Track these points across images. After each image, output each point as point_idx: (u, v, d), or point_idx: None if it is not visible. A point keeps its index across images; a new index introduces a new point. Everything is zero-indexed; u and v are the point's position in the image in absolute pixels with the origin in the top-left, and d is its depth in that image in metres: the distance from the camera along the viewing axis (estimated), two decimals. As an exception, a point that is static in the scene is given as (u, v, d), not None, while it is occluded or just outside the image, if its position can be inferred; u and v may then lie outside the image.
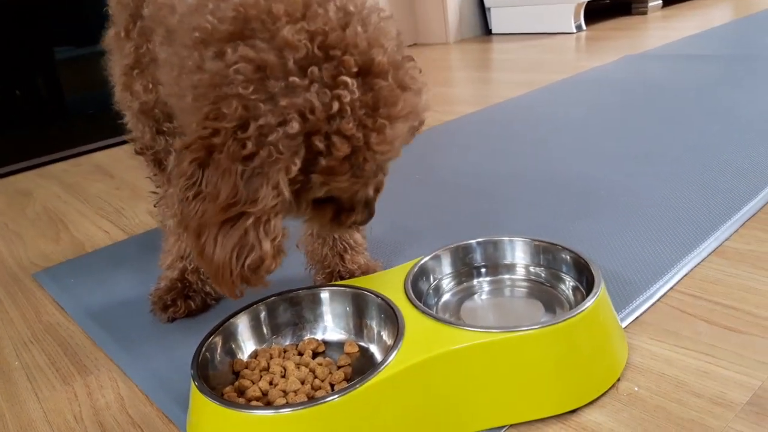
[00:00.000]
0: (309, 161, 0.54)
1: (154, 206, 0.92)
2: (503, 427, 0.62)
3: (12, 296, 1.09)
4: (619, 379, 0.67)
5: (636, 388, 0.65)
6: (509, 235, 0.81)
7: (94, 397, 0.77)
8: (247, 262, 0.54)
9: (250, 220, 0.53)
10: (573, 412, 0.63)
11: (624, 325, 0.75)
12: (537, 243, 0.79)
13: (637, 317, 0.77)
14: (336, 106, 0.52)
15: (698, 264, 0.87)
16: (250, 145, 0.52)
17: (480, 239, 0.81)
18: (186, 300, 0.90)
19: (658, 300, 0.80)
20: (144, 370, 0.80)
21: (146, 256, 1.12)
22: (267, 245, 0.54)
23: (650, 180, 1.16)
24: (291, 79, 0.52)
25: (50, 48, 2.00)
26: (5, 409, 0.78)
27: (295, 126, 0.52)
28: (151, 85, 0.77)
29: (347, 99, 0.52)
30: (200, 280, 0.90)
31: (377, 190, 0.66)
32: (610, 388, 0.65)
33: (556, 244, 0.77)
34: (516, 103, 1.90)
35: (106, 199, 1.56)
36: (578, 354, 0.63)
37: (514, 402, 0.62)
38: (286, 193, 0.53)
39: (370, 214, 0.68)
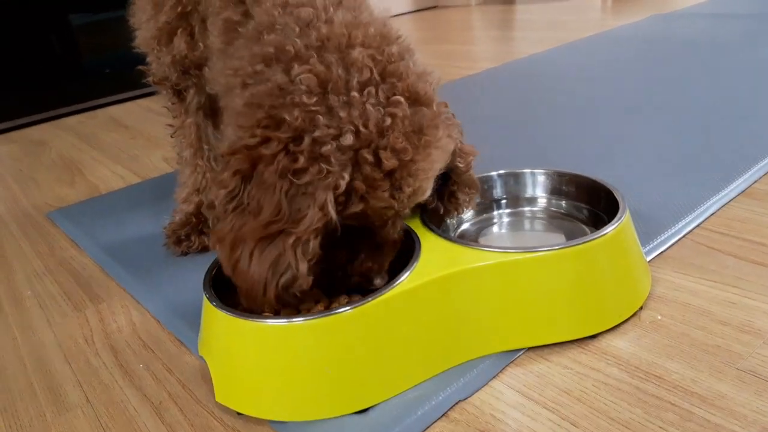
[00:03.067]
0: (354, 176, 0.53)
1: (171, 137, 0.90)
2: (521, 349, 0.60)
3: (25, 233, 1.08)
4: (641, 308, 0.64)
5: (659, 317, 0.63)
6: (531, 168, 0.79)
7: (106, 322, 0.77)
8: (281, 280, 0.52)
9: (291, 240, 0.52)
10: (593, 337, 0.61)
11: (648, 258, 0.73)
12: (559, 175, 0.77)
13: (662, 252, 0.74)
14: (389, 120, 0.53)
15: (726, 204, 0.84)
16: (302, 159, 0.51)
17: (501, 171, 0.79)
18: (200, 235, 0.89)
19: (684, 236, 0.77)
20: (156, 298, 0.79)
21: (161, 198, 1.11)
22: (304, 267, 0.52)
23: (678, 128, 1.12)
24: (352, 94, 0.53)
25: (67, 14, 2.00)
26: (17, 333, 0.78)
27: (349, 138, 0.52)
28: (201, 44, 0.76)
29: (400, 115, 0.53)
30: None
31: (394, 245, 0.62)
32: (632, 316, 0.63)
33: (579, 175, 0.75)
34: (538, 58, 1.86)
35: (121, 147, 1.55)
36: (599, 278, 0.61)
37: (533, 325, 0.60)
38: (333, 213, 0.52)
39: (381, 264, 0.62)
